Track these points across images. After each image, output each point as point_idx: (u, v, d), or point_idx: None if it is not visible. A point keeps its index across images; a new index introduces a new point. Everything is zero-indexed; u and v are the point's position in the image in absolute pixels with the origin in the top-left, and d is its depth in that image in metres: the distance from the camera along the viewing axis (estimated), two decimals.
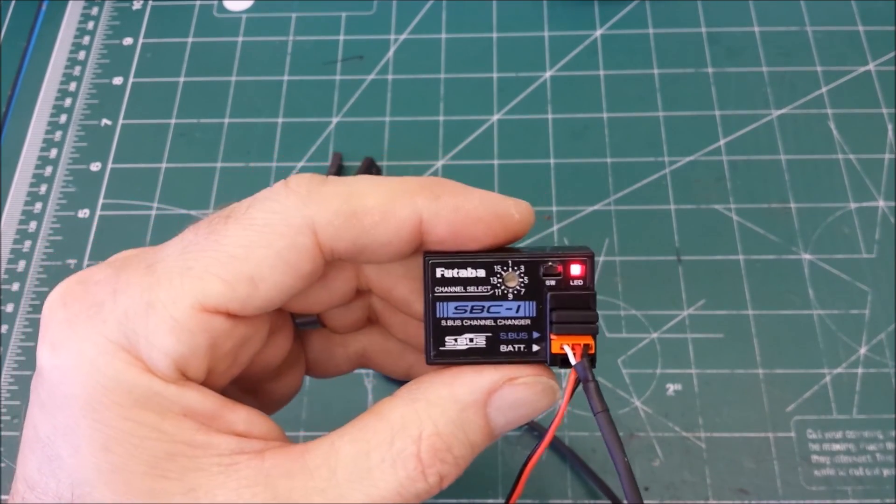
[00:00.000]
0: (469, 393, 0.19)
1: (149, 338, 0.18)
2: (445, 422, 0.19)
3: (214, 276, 0.18)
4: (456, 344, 0.20)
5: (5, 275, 0.39)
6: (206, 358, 0.18)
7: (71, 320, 0.18)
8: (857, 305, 0.36)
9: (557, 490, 0.33)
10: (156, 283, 0.18)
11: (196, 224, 0.20)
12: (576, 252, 0.20)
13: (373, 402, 0.35)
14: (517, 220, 0.20)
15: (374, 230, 0.19)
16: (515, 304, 0.20)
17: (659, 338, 0.36)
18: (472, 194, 0.20)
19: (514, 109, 0.42)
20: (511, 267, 0.20)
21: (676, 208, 0.39)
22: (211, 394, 0.19)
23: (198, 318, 0.18)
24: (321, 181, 0.19)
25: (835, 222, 0.38)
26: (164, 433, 0.18)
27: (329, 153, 0.41)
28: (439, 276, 0.20)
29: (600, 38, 0.44)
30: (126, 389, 0.17)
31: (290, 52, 0.45)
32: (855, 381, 0.35)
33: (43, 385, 0.18)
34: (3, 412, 0.36)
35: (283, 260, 0.18)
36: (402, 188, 0.19)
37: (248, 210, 0.19)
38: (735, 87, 0.42)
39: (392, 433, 0.19)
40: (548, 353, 0.20)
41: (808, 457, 0.33)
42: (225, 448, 0.18)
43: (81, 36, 0.46)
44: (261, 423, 0.19)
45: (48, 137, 0.43)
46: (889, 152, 0.40)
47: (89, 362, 0.18)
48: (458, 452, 0.19)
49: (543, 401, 0.20)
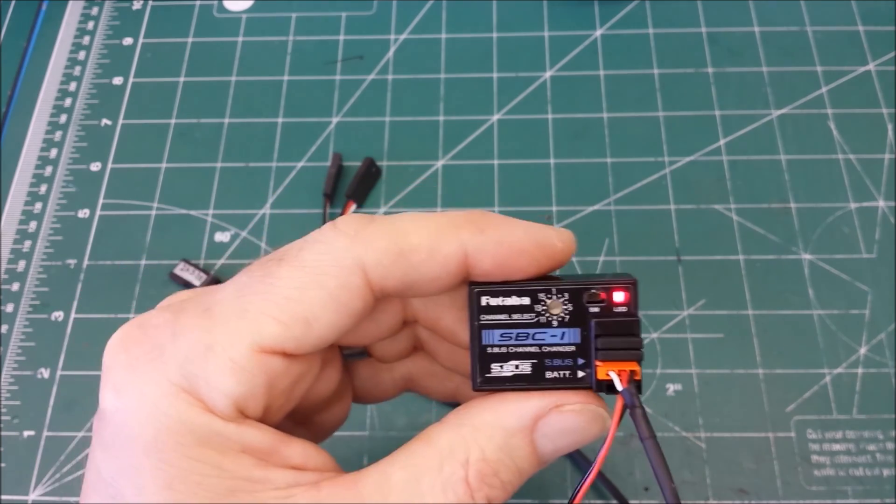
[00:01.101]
0: (516, 420, 0.20)
1: (208, 379, 0.18)
2: (492, 448, 0.19)
3: (270, 317, 0.19)
4: (502, 370, 0.20)
5: (5, 275, 0.39)
6: (264, 397, 0.19)
7: (132, 364, 0.19)
8: (857, 305, 0.36)
9: (558, 490, 0.33)
10: (213, 326, 0.19)
11: (249, 267, 0.20)
12: (619, 279, 0.20)
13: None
14: (560, 248, 0.21)
15: (422, 267, 0.20)
16: (560, 331, 0.20)
17: (659, 338, 0.36)
18: (517, 227, 0.20)
19: (514, 109, 0.42)
20: (555, 294, 0.20)
21: (676, 208, 0.39)
22: (268, 430, 0.19)
23: (255, 359, 0.18)
24: (368, 221, 0.20)
25: (835, 222, 0.38)
26: (224, 470, 0.18)
27: (329, 153, 0.41)
28: (484, 305, 0.20)
29: (600, 38, 0.44)
30: (188, 429, 0.18)
31: (290, 52, 0.45)
32: (855, 381, 0.35)
33: (106, 427, 0.19)
34: (4, 412, 0.36)
35: (336, 300, 0.19)
36: (447, 224, 0.20)
37: (300, 252, 0.19)
38: (735, 87, 0.42)
39: (441, 459, 0.19)
40: (593, 378, 0.20)
41: (808, 457, 0.33)
42: (282, 482, 0.19)
43: (81, 36, 0.46)
44: (316, 456, 0.20)
45: (48, 137, 0.43)
46: (889, 152, 0.40)
47: (152, 404, 0.18)
48: (506, 478, 0.19)
49: (593, 429, 0.20)
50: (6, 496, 0.34)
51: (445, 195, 0.40)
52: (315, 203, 0.40)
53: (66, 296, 0.39)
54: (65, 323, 0.38)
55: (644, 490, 0.33)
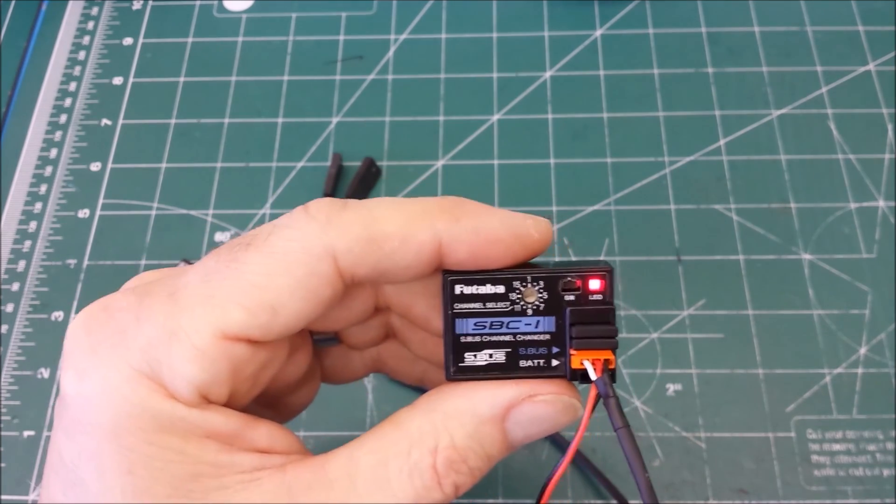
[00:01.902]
0: (488, 408, 0.19)
1: (171, 366, 0.18)
2: (462, 435, 0.19)
3: (236, 304, 0.18)
4: (475, 360, 0.20)
5: (5, 275, 0.39)
6: (228, 383, 0.19)
7: (94, 347, 0.19)
8: (857, 305, 0.36)
9: (557, 489, 0.33)
10: (178, 311, 0.18)
11: (217, 250, 0.20)
12: (594, 267, 0.20)
13: (372, 402, 0.35)
14: (536, 238, 0.20)
15: (394, 255, 0.19)
16: (534, 319, 0.20)
17: (659, 338, 0.36)
18: (492, 215, 0.20)
19: (514, 109, 0.42)
20: (530, 282, 0.20)
21: (676, 208, 0.39)
22: (233, 414, 0.19)
23: (219, 346, 0.18)
24: (341, 206, 0.19)
25: (835, 222, 0.38)
26: (187, 455, 0.18)
27: (329, 153, 0.41)
28: (458, 293, 0.20)
29: (600, 38, 0.44)
30: (150, 415, 0.18)
31: (290, 52, 0.45)
32: (855, 381, 0.35)
33: (67, 411, 0.19)
34: (4, 412, 0.36)
35: (304, 287, 0.19)
36: (421, 211, 0.19)
37: (269, 238, 0.19)
38: (735, 87, 0.42)
39: (410, 444, 0.19)
40: (567, 367, 0.20)
41: (808, 457, 0.33)
42: (247, 465, 0.19)
43: (81, 36, 0.46)
44: (282, 438, 0.20)
45: (48, 137, 0.43)
46: (889, 152, 0.40)
47: (114, 389, 0.18)
48: (474, 464, 0.19)
49: (564, 418, 0.20)
50: (6, 496, 0.34)
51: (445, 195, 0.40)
52: None
53: (66, 296, 0.39)
54: (65, 323, 0.38)
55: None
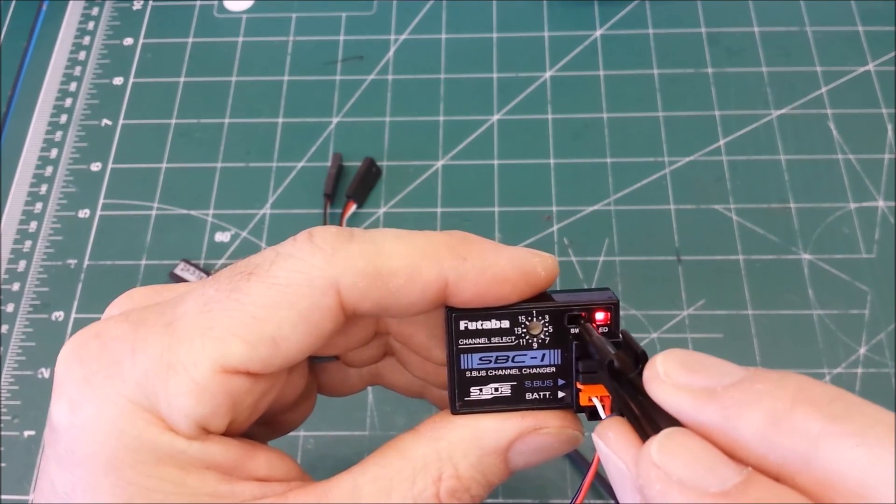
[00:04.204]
0: (493, 441, 0.19)
1: (169, 399, 0.18)
2: (466, 465, 0.19)
3: (237, 337, 0.18)
4: (481, 394, 0.20)
5: (5, 275, 0.39)
6: (228, 415, 0.18)
7: (88, 379, 0.18)
8: (856, 305, 0.36)
9: (558, 489, 0.33)
10: (176, 343, 0.18)
11: (216, 277, 0.19)
12: (600, 299, 0.19)
13: (373, 402, 0.35)
14: (543, 277, 0.20)
15: (399, 292, 0.19)
16: (540, 352, 0.20)
17: (659, 338, 0.36)
18: (500, 254, 0.19)
19: (514, 109, 0.42)
20: (535, 317, 0.19)
21: (676, 208, 0.39)
22: (233, 444, 0.19)
23: (219, 380, 0.18)
24: (347, 238, 0.19)
25: (835, 222, 0.38)
26: (187, 487, 0.18)
27: (329, 153, 0.41)
28: (462, 329, 0.19)
29: (600, 38, 0.44)
30: (148, 448, 0.18)
31: (290, 52, 0.45)
32: (855, 381, 0.35)
33: (59, 441, 0.18)
34: (4, 412, 0.36)
35: (306, 320, 0.18)
36: (427, 248, 0.19)
37: (272, 267, 0.18)
38: (735, 87, 0.42)
39: (413, 472, 0.19)
40: (575, 400, 0.20)
41: None
42: (248, 495, 0.18)
43: (82, 36, 0.46)
44: (281, 465, 0.20)
45: (48, 137, 0.43)
46: (889, 152, 0.40)
47: (110, 422, 0.18)
48: (476, 492, 0.19)
49: (566, 447, 0.20)
50: (6, 496, 0.34)
51: (445, 195, 0.40)
52: (315, 203, 0.40)
53: (66, 296, 0.39)
54: (65, 323, 0.38)
55: None
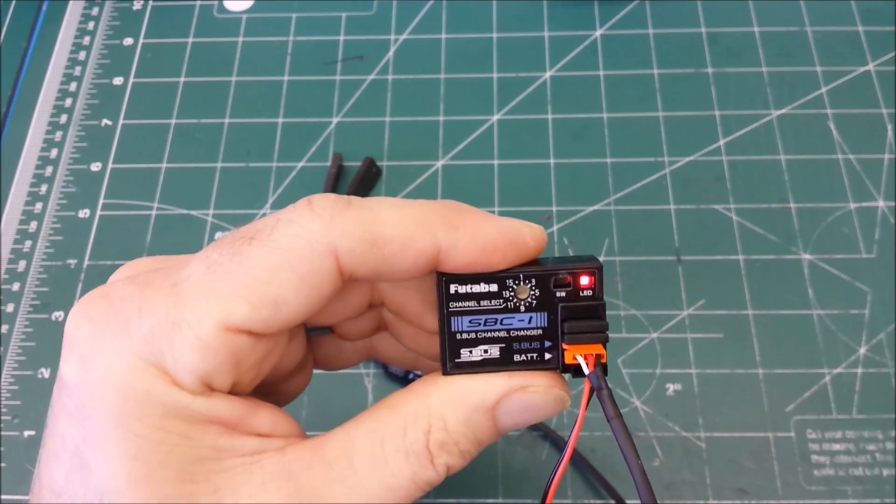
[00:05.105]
0: (480, 398, 0.20)
1: (175, 355, 0.18)
2: (455, 420, 0.20)
3: (239, 297, 0.18)
4: (471, 355, 0.21)
5: (5, 275, 0.39)
6: (231, 373, 0.19)
7: (98, 336, 0.19)
8: (856, 305, 0.36)
9: (557, 489, 0.33)
10: (181, 303, 0.19)
11: (219, 242, 0.20)
12: (584, 264, 0.20)
13: (373, 402, 0.35)
14: (532, 246, 0.21)
15: (394, 259, 0.20)
16: (527, 315, 0.21)
17: (659, 338, 0.36)
18: (490, 223, 0.20)
19: (514, 109, 0.42)
20: (522, 281, 0.20)
21: (676, 208, 0.39)
22: (236, 401, 0.19)
23: (222, 338, 0.18)
24: (345, 205, 0.20)
25: (835, 222, 0.38)
26: (191, 440, 0.18)
27: (329, 153, 0.41)
28: (453, 292, 0.20)
29: (600, 38, 0.44)
30: (156, 402, 0.18)
31: (290, 52, 0.45)
32: (855, 381, 0.35)
33: (70, 397, 0.19)
34: (4, 412, 0.36)
35: (306, 283, 0.19)
36: (421, 217, 0.20)
37: (273, 232, 0.19)
38: (735, 87, 0.42)
39: (405, 425, 0.20)
40: (560, 360, 0.21)
41: (807, 457, 0.33)
42: (248, 448, 0.19)
43: (82, 36, 0.46)
44: (283, 423, 0.20)
45: (48, 137, 0.43)
46: (889, 152, 0.40)
47: (119, 377, 0.18)
48: (465, 447, 0.20)
49: (553, 407, 0.21)
50: (6, 496, 0.34)
51: (445, 195, 0.40)
52: None
53: (66, 296, 0.39)
54: (65, 323, 0.38)
55: None
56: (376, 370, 0.36)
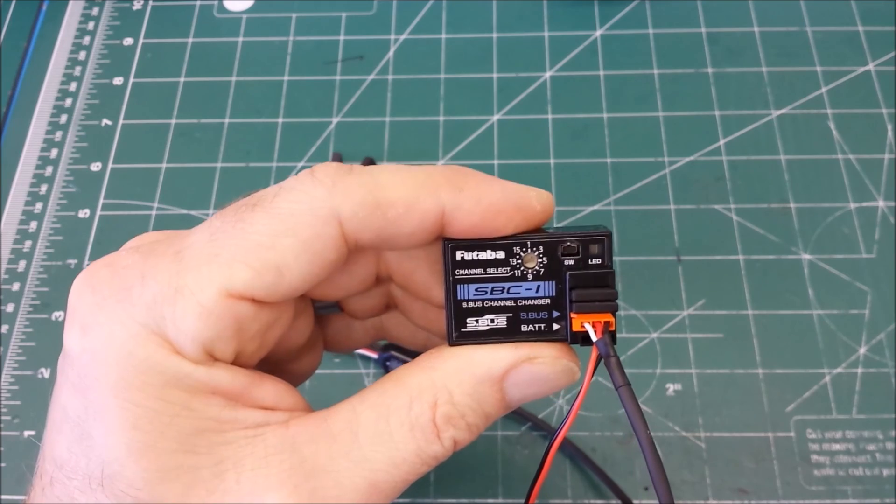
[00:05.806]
0: (487, 369, 0.20)
1: (177, 322, 0.18)
2: (461, 393, 0.19)
3: (241, 263, 0.18)
4: (477, 325, 0.20)
5: (5, 275, 0.39)
6: (233, 341, 0.19)
7: (100, 304, 0.19)
8: (856, 305, 0.36)
9: (558, 489, 0.33)
10: (184, 269, 0.18)
11: (222, 211, 0.20)
12: (593, 232, 0.20)
13: None
14: (538, 210, 0.20)
15: (398, 222, 0.19)
16: (535, 284, 0.20)
17: (659, 338, 0.36)
18: (494, 186, 0.20)
19: (514, 109, 0.42)
20: (530, 248, 0.20)
21: (676, 208, 0.39)
22: (239, 371, 0.19)
23: (224, 304, 0.18)
24: (347, 171, 0.20)
25: (835, 222, 0.38)
26: (193, 411, 0.18)
27: (329, 153, 0.41)
28: (459, 259, 0.20)
29: (600, 39, 0.44)
30: (157, 371, 0.18)
31: (290, 52, 0.45)
32: (855, 381, 0.35)
33: (72, 367, 0.19)
34: (4, 412, 0.36)
35: (309, 249, 0.19)
36: (425, 180, 0.19)
37: (275, 199, 0.19)
38: (735, 87, 0.42)
39: (410, 399, 0.19)
40: (568, 331, 0.20)
41: (807, 457, 0.33)
42: (252, 421, 0.19)
43: (82, 36, 0.46)
44: (288, 396, 0.20)
45: (48, 137, 0.43)
46: (889, 152, 0.40)
47: (120, 345, 0.18)
48: (472, 420, 0.20)
49: (562, 380, 0.20)
50: (6, 496, 0.34)
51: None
52: None
53: (66, 296, 0.38)
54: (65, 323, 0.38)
55: (644, 490, 0.33)
56: (376, 370, 0.36)
